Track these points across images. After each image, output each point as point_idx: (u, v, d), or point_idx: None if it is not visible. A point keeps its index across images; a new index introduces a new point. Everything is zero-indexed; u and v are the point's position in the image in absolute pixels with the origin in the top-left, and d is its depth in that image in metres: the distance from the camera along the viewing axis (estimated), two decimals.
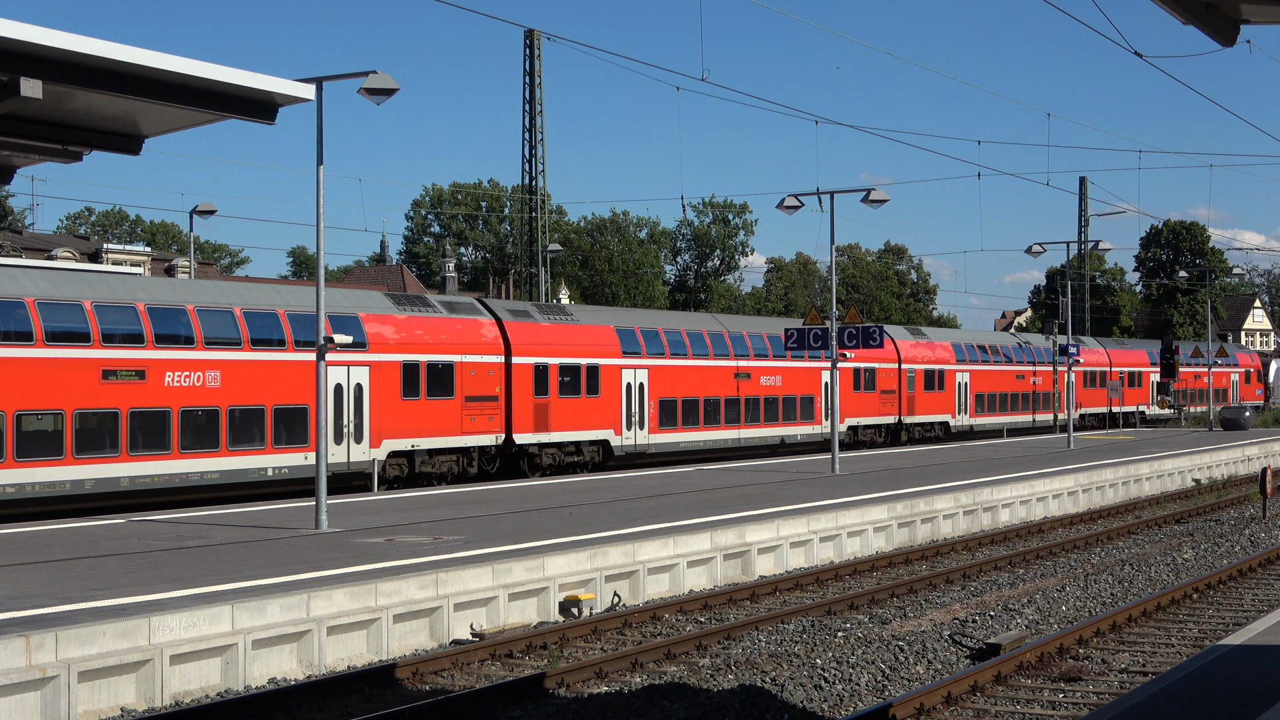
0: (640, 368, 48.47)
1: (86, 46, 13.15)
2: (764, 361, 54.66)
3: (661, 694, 16.44)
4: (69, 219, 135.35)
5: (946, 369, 66.87)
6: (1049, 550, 30.53)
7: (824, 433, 55.90)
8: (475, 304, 44.97)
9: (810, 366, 56.36)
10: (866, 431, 61.35)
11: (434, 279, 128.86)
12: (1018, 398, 73.41)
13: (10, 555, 22.69)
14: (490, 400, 42.81)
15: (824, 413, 56.96)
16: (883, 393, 61.93)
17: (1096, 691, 16.94)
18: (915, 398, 64.44)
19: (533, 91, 65.58)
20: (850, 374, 58.94)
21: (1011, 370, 73.18)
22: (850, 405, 59.16)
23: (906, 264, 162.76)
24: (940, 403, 66.50)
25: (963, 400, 68.20)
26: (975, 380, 69.46)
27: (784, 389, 55.48)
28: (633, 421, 47.98)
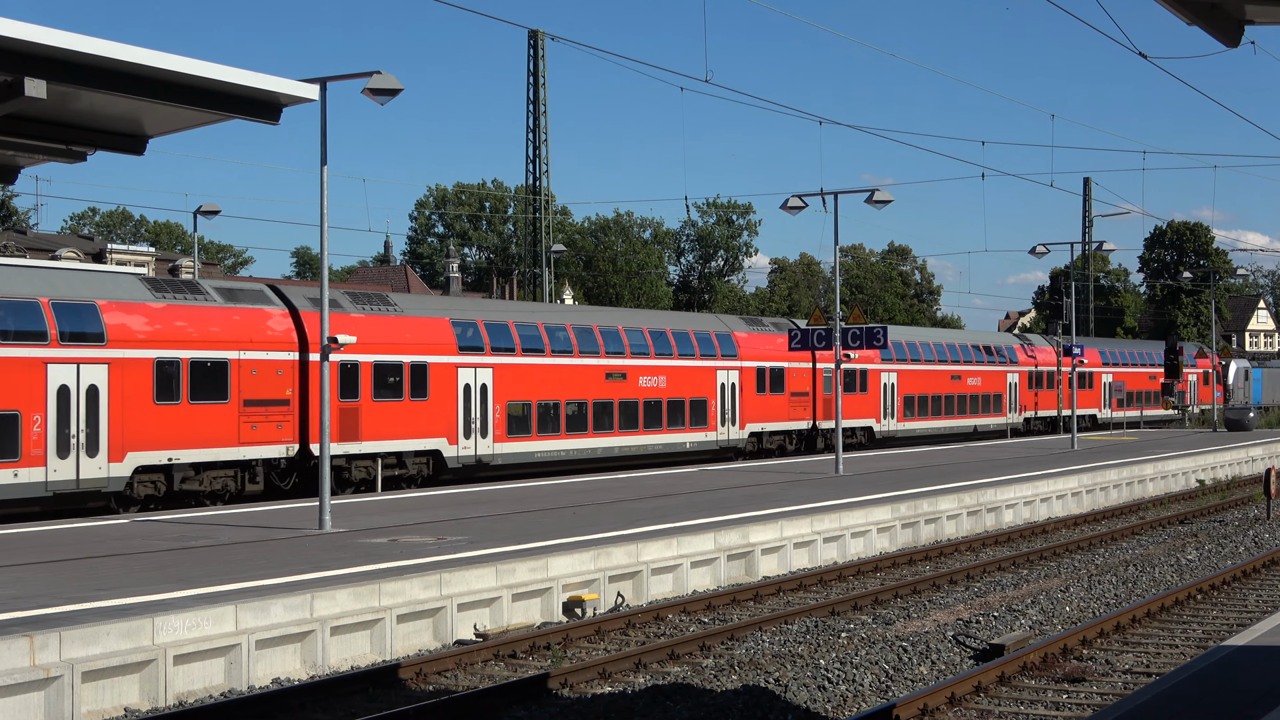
0: (483, 366, 42.30)
1: (91, 46, 13.15)
2: (644, 360, 48.97)
3: (665, 694, 16.43)
4: (73, 219, 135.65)
5: (870, 369, 60.65)
6: (1053, 551, 30.51)
7: (719, 440, 51.54)
8: (264, 291, 38.66)
9: (702, 366, 51.38)
10: (774, 438, 55.54)
11: (438, 279, 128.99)
12: (954, 400, 67.41)
13: (13, 555, 22.71)
14: (278, 405, 36.51)
15: (720, 417, 51.66)
16: (793, 395, 55.91)
17: (1100, 692, 16.92)
18: (831, 401, 56.94)
19: (536, 92, 65.62)
20: (752, 374, 53.74)
21: (947, 370, 67.08)
22: (753, 409, 53.59)
23: (910, 265, 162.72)
24: (863, 406, 60.43)
25: (889, 403, 62.37)
26: (905, 381, 63.47)
27: (669, 391, 49.63)
28: (472, 429, 41.83)
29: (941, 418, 66.16)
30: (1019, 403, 72.73)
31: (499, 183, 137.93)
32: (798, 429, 56.30)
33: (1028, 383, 74.21)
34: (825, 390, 56.66)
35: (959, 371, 67.75)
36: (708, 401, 51.29)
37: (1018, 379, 72.60)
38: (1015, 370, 72.78)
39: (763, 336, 55.52)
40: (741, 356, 53.38)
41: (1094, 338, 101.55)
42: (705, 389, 51.30)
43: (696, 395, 50.86)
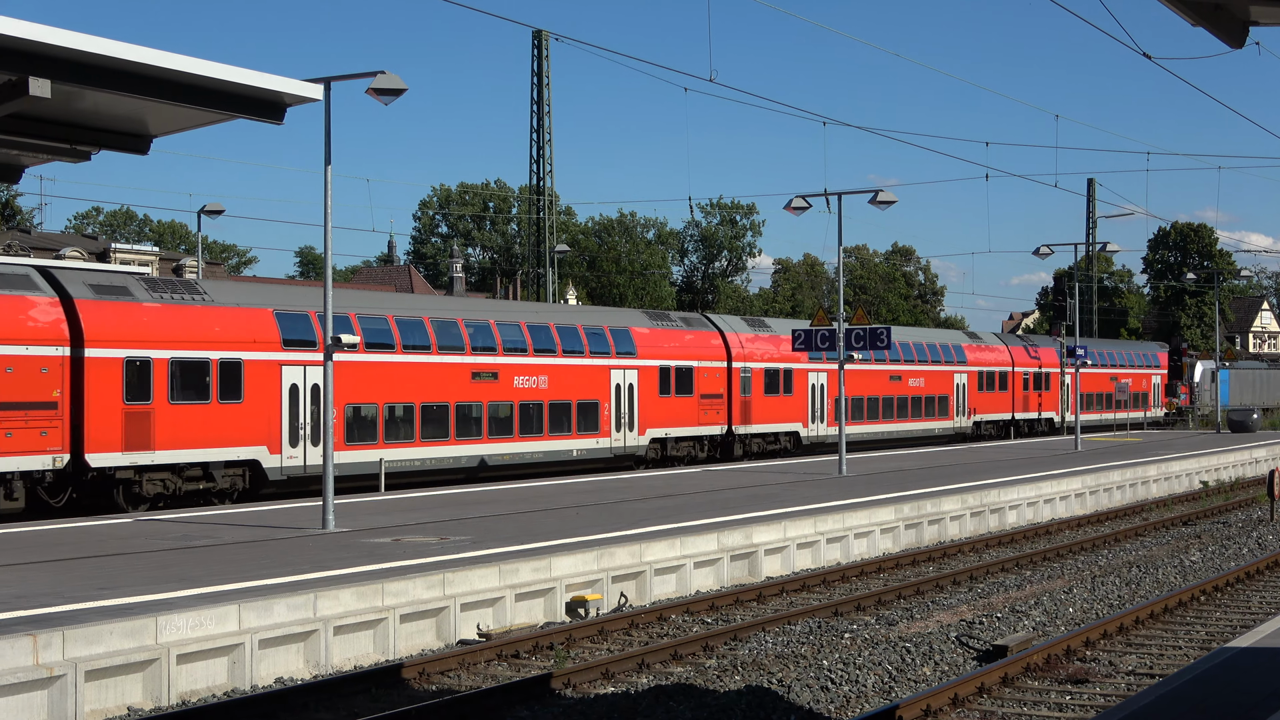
0: (315, 364, 36.50)
1: (95, 46, 13.16)
2: (520, 358, 43.93)
3: (668, 695, 16.43)
4: (77, 218, 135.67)
5: (796, 368, 55.37)
6: (1056, 552, 30.50)
7: (614, 447, 46.65)
8: (29, 275, 32.75)
9: (593, 364, 46.42)
10: (681, 445, 50.29)
11: (441, 279, 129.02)
12: (893, 403, 62.16)
13: (16, 554, 22.72)
14: (42, 408, 31.25)
15: (614, 422, 46.65)
16: (704, 397, 50.77)
17: (1104, 694, 16.92)
18: (751, 403, 53.42)
19: (540, 92, 65.62)
20: (654, 374, 48.71)
21: (885, 370, 61.41)
22: (655, 412, 48.47)
23: (914, 265, 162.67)
24: (787, 409, 55.24)
25: (818, 406, 56.90)
26: (834, 382, 56.73)
27: (551, 393, 44.60)
28: (300, 436, 36.54)
29: (879, 421, 61.06)
30: (968, 405, 67.78)
31: (502, 183, 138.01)
32: (710, 435, 51.41)
33: (978, 384, 69.12)
34: (744, 392, 52.61)
35: (899, 372, 62.52)
36: (599, 405, 46.33)
37: (966, 380, 67.71)
38: (964, 370, 67.77)
39: (668, 333, 50.44)
40: (641, 354, 48.46)
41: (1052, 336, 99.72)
42: (596, 390, 46.38)
43: (585, 397, 45.93)
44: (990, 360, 70.92)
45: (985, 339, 73.04)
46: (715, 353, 51.76)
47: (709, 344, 51.80)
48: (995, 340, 73.80)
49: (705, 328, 52.45)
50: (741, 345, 53.28)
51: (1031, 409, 74.61)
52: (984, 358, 70.40)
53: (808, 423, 56.36)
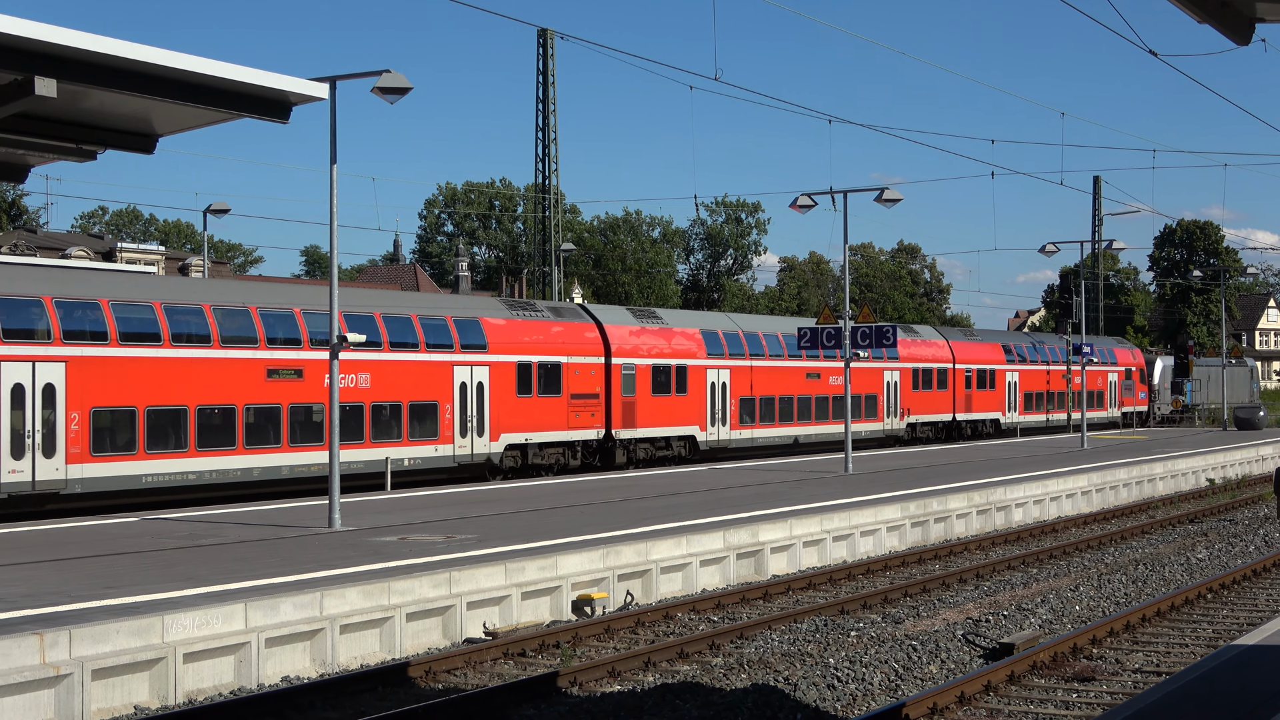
0: (51, 360, 31.09)
1: (100, 45, 13.17)
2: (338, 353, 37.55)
3: (674, 693, 16.43)
4: (83, 218, 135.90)
5: (692, 364, 50.23)
6: (1062, 550, 30.48)
7: (458, 455, 40.96)
8: None
9: (431, 360, 40.49)
10: (548, 451, 44.40)
11: (447, 278, 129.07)
12: (810, 403, 56.01)
13: (23, 553, 22.74)
14: None
15: (459, 426, 40.86)
16: (575, 398, 45.34)
17: (1110, 691, 16.90)
18: (636, 404, 47.69)
19: (546, 91, 65.61)
20: (510, 371, 42.94)
21: (802, 367, 55.42)
22: (512, 415, 42.79)
23: (920, 263, 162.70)
24: (680, 411, 49.82)
25: (719, 407, 51.40)
26: (742, 380, 52.63)
27: (376, 392, 38.63)
28: (27, 447, 30.45)
29: (793, 424, 55.05)
30: (900, 405, 61.66)
31: (508, 181, 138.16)
32: (583, 440, 45.73)
33: (912, 382, 62.87)
34: (626, 391, 47.04)
35: (818, 369, 56.31)
36: (439, 406, 40.50)
37: (898, 378, 61.37)
38: (895, 368, 61.28)
39: (530, 324, 44.67)
40: (495, 349, 42.61)
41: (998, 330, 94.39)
42: (435, 390, 40.55)
43: (421, 398, 40.05)
44: (927, 356, 64.70)
45: (922, 332, 67.14)
46: (590, 347, 46.39)
47: (582, 337, 46.36)
48: (934, 334, 68.08)
49: (579, 319, 47.21)
50: (624, 339, 47.88)
51: (976, 409, 67.98)
52: (920, 353, 64.27)
53: (706, 426, 50.72)
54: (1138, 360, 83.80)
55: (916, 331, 66.29)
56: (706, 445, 50.71)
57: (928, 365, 63.95)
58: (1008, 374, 70.71)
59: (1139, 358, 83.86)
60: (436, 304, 44.63)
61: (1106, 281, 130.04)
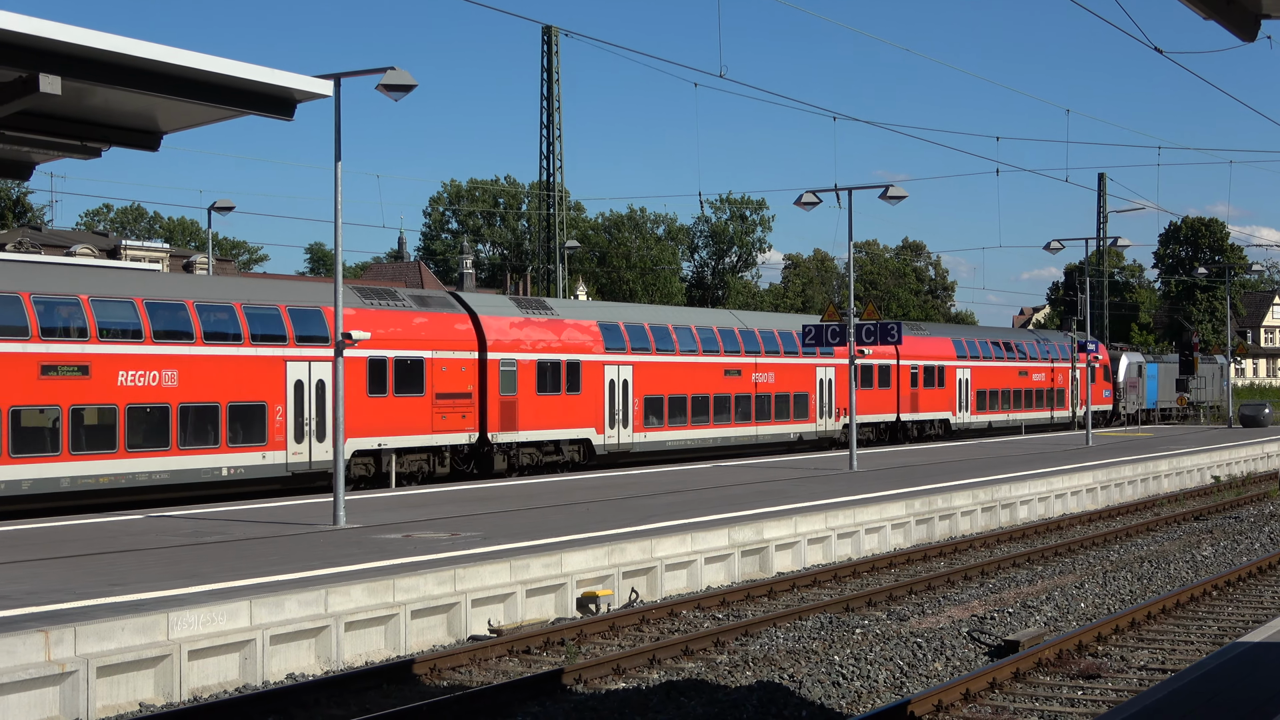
0: None
1: (105, 43, 13.17)
2: (131, 345, 32.85)
3: (679, 690, 16.42)
4: (88, 215, 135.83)
5: (586, 360, 45.23)
6: (1067, 547, 30.46)
7: (293, 464, 35.88)
8: None
9: (257, 355, 35.61)
10: (408, 458, 39.51)
11: (452, 275, 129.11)
12: (729, 402, 50.97)
13: (28, 551, 22.75)
14: None
15: (294, 431, 35.86)
16: (442, 397, 40.22)
17: (1115, 689, 16.89)
18: (517, 405, 42.48)
19: (550, 88, 65.60)
20: (360, 367, 37.53)
21: (719, 363, 50.66)
22: (364, 417, 37.52)
23: (924, 260, 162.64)
24: (572, 411, 44.74)
25: (618, 406, 46.21)
26: (647, 377, 47.39)
27: (184, 392, 33.75)
28: None
29: (708, 425, 50.06)
30: (834, 404, 56.65)
31: (512, 179, 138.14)
32: (451, 444, 40.63)
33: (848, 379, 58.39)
34: (506, 390, 41.92)
35: (738, 365, 51.65)
36: (267, 408, 35.53)
37: (833, 374, 56.32)
38: (829, 364, 56.16)
39: (385, 315, 39.31)
40: None
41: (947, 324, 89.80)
42: (263, 389, 35.56)
43: (244, 398, 35.10)
44: (868, 352, 57.54)
45: None
46: (461, 340, 41.21)
47: (451, 329, 41.13)
48: None
49: (448, 309, 42.00)
50: (503, 331, 42.65)
51: (923, 408, 62.85)
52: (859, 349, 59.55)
53: (603, 427, 45.53)
54: (1101, 357, 78.07)
55: None
56: (604, 449, 45.53)
57: (868, 362, 58.60)
58: (958, 371, 65.59)
59: (1102, 354, 78.37)
60: (268, 291, 38.09)
61: (1111, 279, 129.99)
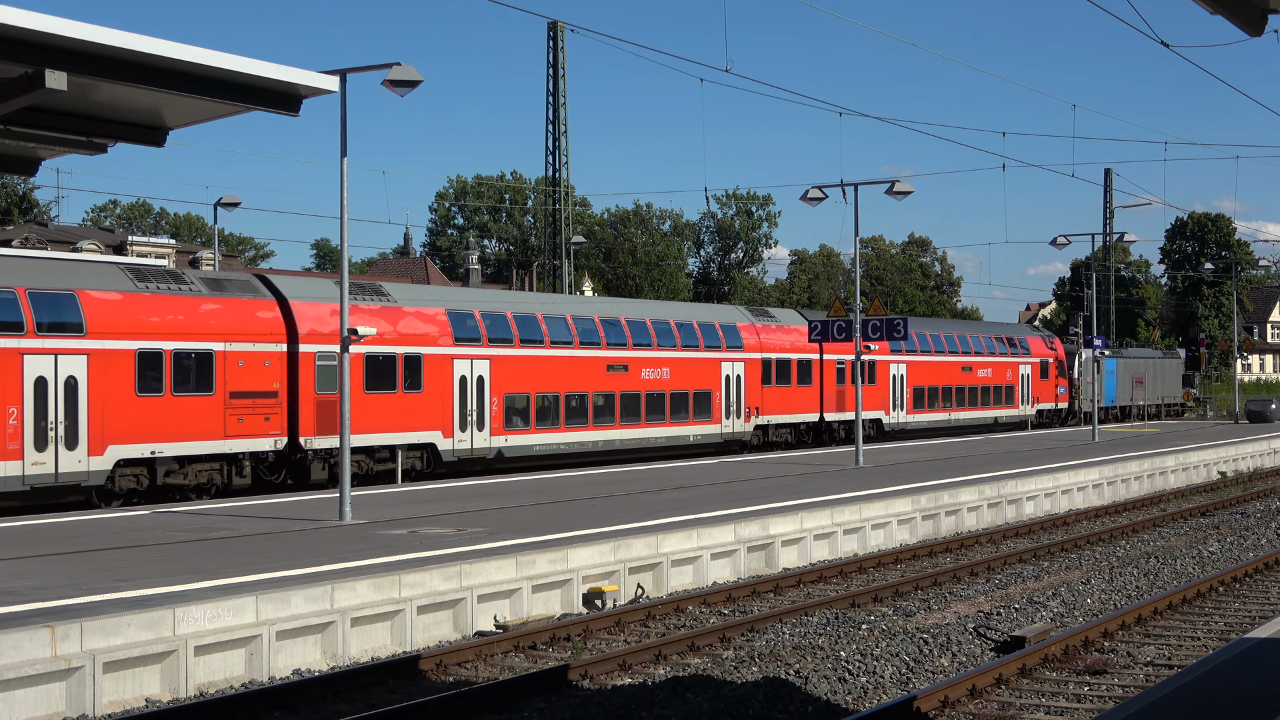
0: None
1: (111, 38, 13.16)
2: None
3: (685, 686, 16.43)
4: (94, 211, 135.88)
5: (430, 353, 39.39)
6: (1073, 543, 30.44)
7: (30, 475, 30.38)
8: None
9: None
10: (193, 468, 33.88)
11: (458, 271, 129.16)
12: (614, 401, 45.61)
13: (34, 546, 22.77)
14: None
15: (33, 435, 30.38)
16: (238, 396, 34.62)
17: (1122, 684, 16.89)
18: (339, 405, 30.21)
19: (556, 83, 65.62)
20: (126, 361, 32.43)
21: (602, 357, 45.10)
22: (127, 420, 32.16)
23: (930, 256, 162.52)
24: (414, 412, 38.77)
25: (471, 407, 40.19)
26: (507, 372, 41.55)
27: None
28: None
29: (587, 427, 44.48)
30: (743, 403, 51.14)
31: (518, 174, 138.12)
32: (253, 450, 35.02)
33: (763, 375, 52.23)
34: (324, 388, 36.26)
35: (624, 359, 46.02)
36: None
37: (742, 370, 51.05)
38: (739, 358, 51.09)
39: (164, 300, 33.83)
40: (98, 331, 31.88)
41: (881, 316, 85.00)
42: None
43: None
44: (784, 345, 53.87)
45: (780, 317, 55.89)
46: (264, 330, 35.52)
47: (251, 318, 35.37)
48: (797, 319, 56.75)
49: (249, 294, 36.08)
50: (322, 320, 36.90)
51: (850, 407, 55.28)
52: (775, 341, 53.53)
53: (453, 430, 39.81)
54: (1056, 351, 74.58)
55: (772, 316, 55.45)
56: (454, 456, 39.79)
57: (784, 356, 53.41)
58: (892, 366, 59.81)
59: (1057, 348, 75.11)
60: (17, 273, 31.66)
61: (1118, 274, 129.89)
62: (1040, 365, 72.32)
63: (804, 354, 54.56)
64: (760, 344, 52.69)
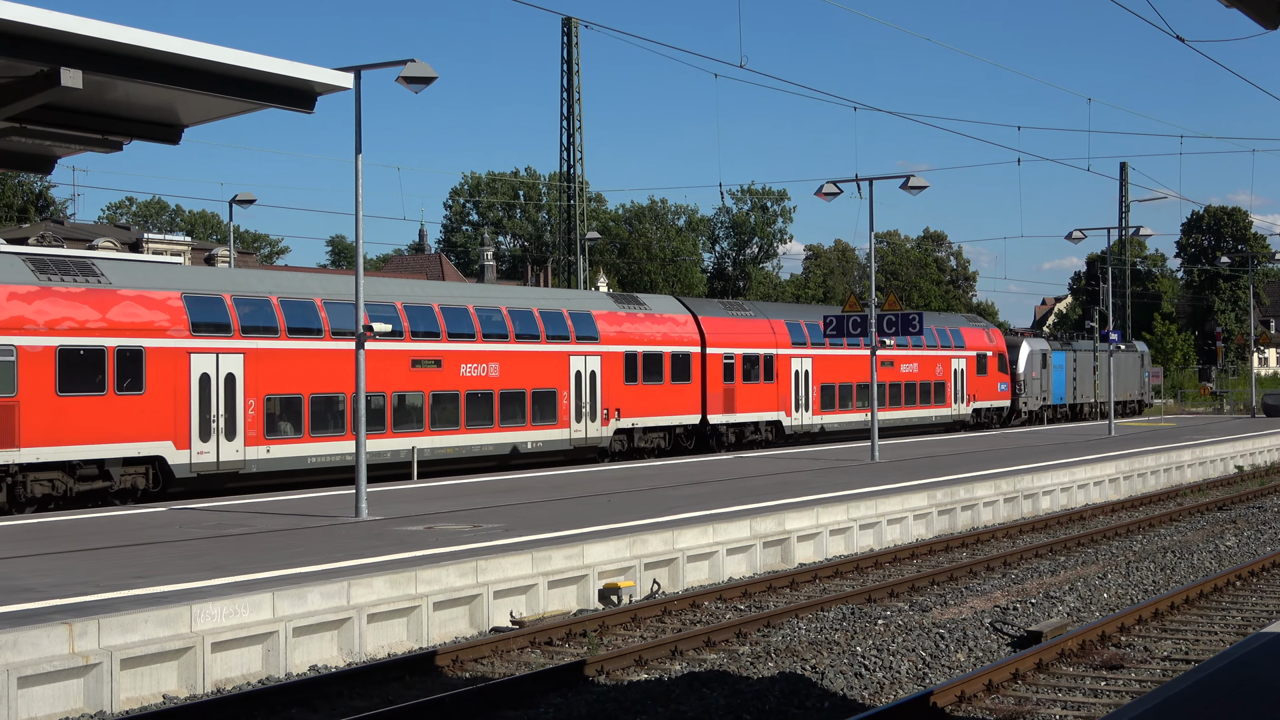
0: None
1: (126, 36, 13.18)
2: None
3: (702, 681, 16.43)
4: (110, 209, 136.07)
5: (155, 346, 33.11)
6: (1090, 537, 30.38)
7: None
8: None
9: None
10: None
11: (473, 267, 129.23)
12: (423, 402, 39.31)
13: (52, 543, 22.84)
14: None
15: None
16: None
17: (1139, 679, 16.85)
18: (18, 411, 30.30)
19: (570, 79, 65.60)
20: None
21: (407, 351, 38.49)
22: None
23: (946, 251, 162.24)
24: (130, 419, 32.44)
25: (217, 412, 34.12)
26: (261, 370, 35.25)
27: None
28: None
29: (385, 434, 37.88)
30: (598, 404, 45.05)
31: (533, 170, 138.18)
32: None
33: (624, 371, 46.11)
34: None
35: (436, 353, 39.84)
36: None
37: (598, 365, 45.10)
38: (594, 351, 45.07)
39: None
40: None
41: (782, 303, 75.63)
42: None
43: None
44: (655, 337, 47.53)
45: (653, 305, 49.14)
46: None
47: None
48: (677, 308, 50.24)
49: None
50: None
51: (741, 408, 50.16)
52: (644, 333, 47.17)
53: (189, 440, 33.45)
54: (995, 344, 67.35)
55: (641, 303, 48.73)
56: (192, 471, 33.58)
57: (654, 349, 47.18)
58: (795, 361, 52.91)
59: (997, 340, 67.82)
60: None
61: (1134, 268, 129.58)
62: (977, 359, 65.47)
63: (681, 347, 48.15)
64: (622, 335, 46.41)
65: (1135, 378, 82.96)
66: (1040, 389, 70.89)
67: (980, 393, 65.54)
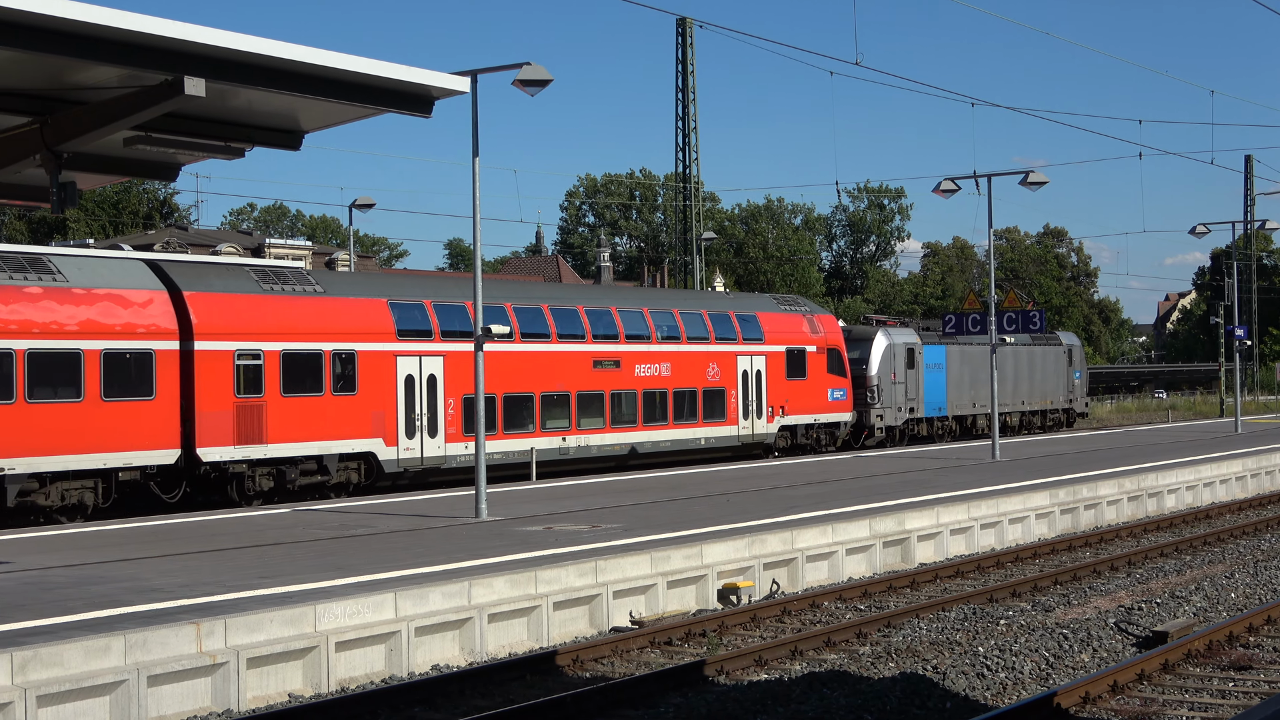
0: None
1: (247, 45, 13.38)
2: None
3: (822, 681, 16.36)
4: (232, 214, 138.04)
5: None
6: (1217, 536, 29.88)
7: None
8: None
9: None
10: None
11: (589, 269, 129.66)
12: None
13: (180, 545, 23.21)
14: None
15: None
16: None
17: (1268, 680, 16.55)
18: None
19: (685, 79, 65.65)
20: None
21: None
22: None
23: (1066, 247, 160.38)
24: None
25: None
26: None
27: None
28: None
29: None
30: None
31: (648, 171, 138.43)
32: None
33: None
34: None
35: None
36: None
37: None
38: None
39: None
40: None
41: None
42: None
43: None
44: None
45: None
46: None
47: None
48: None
49: None
50: None
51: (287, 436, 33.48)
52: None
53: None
54: (824, 335, 49.55)
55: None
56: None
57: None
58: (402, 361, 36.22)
59: (826, 330, 49.87)
60: None
61: (1260, 263, 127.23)
62: (787, 356, 47.72)
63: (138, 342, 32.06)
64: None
65: (1059, 378, 65.29)
66: (904, 396, 54.22)
67: (794, 403, 47.92)
